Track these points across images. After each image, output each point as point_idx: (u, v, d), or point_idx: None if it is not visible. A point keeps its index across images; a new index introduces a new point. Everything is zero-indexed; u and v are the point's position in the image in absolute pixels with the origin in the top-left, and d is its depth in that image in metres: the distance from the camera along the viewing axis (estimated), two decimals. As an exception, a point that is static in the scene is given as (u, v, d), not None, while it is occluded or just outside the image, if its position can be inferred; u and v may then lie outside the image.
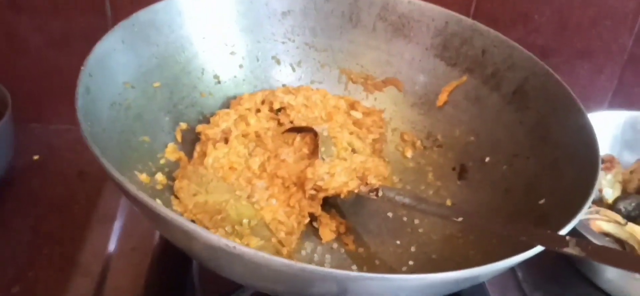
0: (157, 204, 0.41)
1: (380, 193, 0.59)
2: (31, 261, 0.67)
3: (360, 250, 0.60)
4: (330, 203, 0.62)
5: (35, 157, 0.81)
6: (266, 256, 0.39)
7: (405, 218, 0.63)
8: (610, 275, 0.65)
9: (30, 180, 0.77)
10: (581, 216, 0.46)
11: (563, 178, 0.55)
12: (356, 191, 0.60)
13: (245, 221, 0.56)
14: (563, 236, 0.44)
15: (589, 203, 0.47)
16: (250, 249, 0.39)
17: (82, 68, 0.52)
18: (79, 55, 0.79)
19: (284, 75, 0.72)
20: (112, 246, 0.66)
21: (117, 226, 0.68)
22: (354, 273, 0.39)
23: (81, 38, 0.79)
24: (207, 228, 0.55)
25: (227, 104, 0.68)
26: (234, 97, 0.68)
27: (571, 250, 0.44)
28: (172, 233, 0.44)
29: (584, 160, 0.53)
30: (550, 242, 0.45)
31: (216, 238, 0.39)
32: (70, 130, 0.85)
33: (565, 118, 0.58)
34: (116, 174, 0.43)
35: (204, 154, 0.61)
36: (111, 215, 0.70)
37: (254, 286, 0.51)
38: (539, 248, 0.45)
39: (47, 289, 0.64)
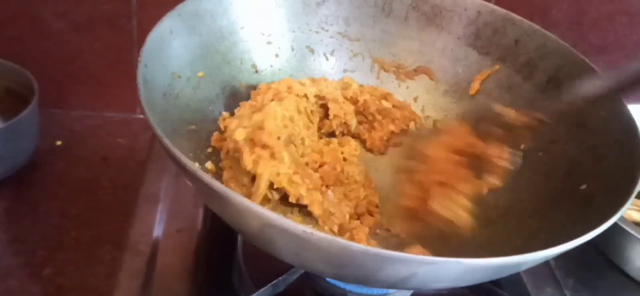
0: (231, 192, 0.42)
1: None
2: (60, 243, 0.68)
3: (403, 235, 0.62)
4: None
5: (58, 143, 0.82)
6: (343, 243, 0.40)
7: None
8: (642, 263, 0.67)
9: (55, 164, 0.79)
10: (631, 201, 0.48)
11: (604, 163, 0.56)
12: None
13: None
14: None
15: (638, 186, 0.49)
16: (327, 235, 0.41)
17: (138, 59, 0.52)
18: (103, 41, 0.82)
19: (318, 64, 0.73)
20: (158, 227, 0.67)
21: (161, 208, 0.69)
22: (431, 258, 0.41)
23: (105, 24, 0.81)
24: None
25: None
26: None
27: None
28: (243, 218, 0.45)
29: (624, 144, 0.55)
30: None
31: (294, 224, 0.40)
32: (92, 116, 0.87)
33: (601, 105, 0.60)
34: (189, 164, 0.44)
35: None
36: (155, 196, 0.71)
37: (313, 270, 0.52)
38: (586, 238, 0.45)
39: (78, 270, 0.66)
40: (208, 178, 0.43)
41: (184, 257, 0.63)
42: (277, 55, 0.71)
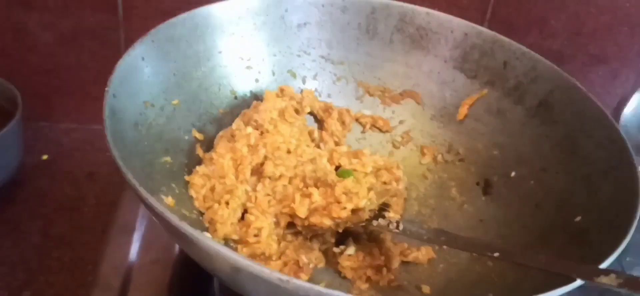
0: (200, 235, 0.39)
1: (400, 227, 0.57)
2: (41, 265, 0.67)
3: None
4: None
5: (44, 157, 0.81)
6: (322, 291, 0.37)
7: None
8: None
9: (39, 180, 0.78)
10: (628, 239, 0.45)
11: (599, 194, 0.54)
12: (375, 224, 0.57)
13: None
14: (599, 269, 0.43)
15: (634, 224, 0.46)
16: (304, 283, 0.38)
17: (106, 89, 0.49)
18: (90, 53, 0.80)
19: (300, 90, 0.70)
20: (131, 258, 0.64)
21: (136, 237, 0.66)
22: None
23: (92, 36, 0.80)
24: None
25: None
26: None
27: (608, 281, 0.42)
28: (217, 264, 0.42)
29: (620, 174, 0.53)
30: (587, 275, 0.43)
31: (268, 270, 0.38)
32: (79, 130, 0.86)
33: (595, 132, 0.58)
34: (157, 205, 0.41)
35: None
36: (130, 225, 0.68)
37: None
38: (577, 283, 0.43)
39: (59, 293, 0.64)
40: (176, 219, 0.40)
41: (156, 291, 0.61)
42: (257, 80, 0.68)
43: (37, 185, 0.76)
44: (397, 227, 0.56)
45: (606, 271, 0.41)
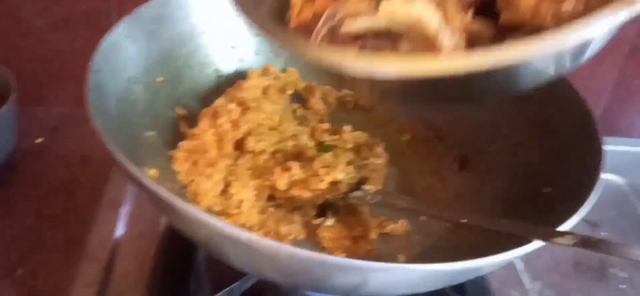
0: (178, 200, 0.41)
1: (376, 198, 0.60)
2: (35, 244, 0.68)
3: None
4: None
5: (38, 141, 0.82)
6: (289, 249, 0.39)
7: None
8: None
9: (33, 163, 0.79)
10: (589, 207, 0.47)
11: (567, 167, 0.55)
12: (352, 196, 0.60)
13: None
14: (556, 231, 0.45)
15: (597, 191, 0.48)
16: (273, 241, 0.40)
17: (89, 64, 0.51)
18: (83, 38, 0.82)
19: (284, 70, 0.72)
20: (119, 231, 0.67)
21: (123, 212, 0.69)
22: (377, 264, 0.40)
23: (85, 21, 0.81)
24: None
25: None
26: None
27: (564, 241, 0.44)
28: (191, 227, 0.44)
29: (586, 148, 0.54)
30: (546, 236, 0.45)
31: (237, 230, 0.40)
32: (73, 114, 0.86)
33: (566, 107, 0.59)
34: (135, 171, 0.43)
35: None
36: (118, 200, 0.70)
37: (268, 278, 0.51)
38: (536, 244, 0.45)
39: (52, 272, 0.65)
40: (154, 185, 0.42)
41: (142, 262, 0.63)
42: (241, 60, 0.70)
43: (32, 168, 0.78)
44: (373, 199, 0.58)
45: (562, 233, 0.43)
